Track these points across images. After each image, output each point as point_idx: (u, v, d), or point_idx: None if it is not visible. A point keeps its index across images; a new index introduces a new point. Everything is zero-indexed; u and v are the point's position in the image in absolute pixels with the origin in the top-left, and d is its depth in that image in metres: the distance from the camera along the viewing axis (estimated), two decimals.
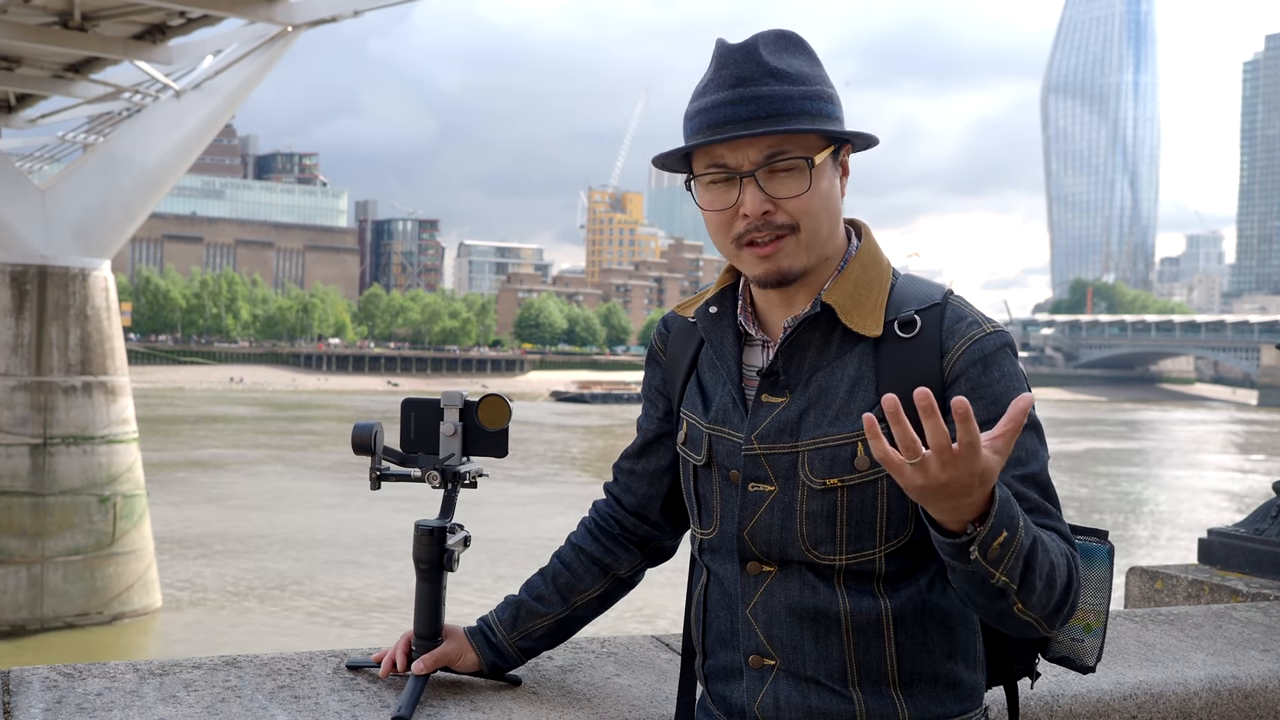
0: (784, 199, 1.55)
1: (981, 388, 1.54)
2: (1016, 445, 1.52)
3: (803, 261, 1.58)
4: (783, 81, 1.53)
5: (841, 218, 1.63)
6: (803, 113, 1.53)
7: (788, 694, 1.60)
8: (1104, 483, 42.88)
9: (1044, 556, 1.42)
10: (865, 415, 1.31)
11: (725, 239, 1.59)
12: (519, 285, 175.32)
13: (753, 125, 1.52)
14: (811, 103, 1.54)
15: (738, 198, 1.56)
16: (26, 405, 19.38)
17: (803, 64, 1.56)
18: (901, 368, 1.56)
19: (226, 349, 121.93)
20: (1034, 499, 1.52)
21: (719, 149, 1.55)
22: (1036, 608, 1.43)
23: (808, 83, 1.55)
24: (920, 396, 1.27)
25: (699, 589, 1.73)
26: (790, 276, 1.58)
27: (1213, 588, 3.34)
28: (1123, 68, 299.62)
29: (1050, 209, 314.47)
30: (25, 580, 19.10)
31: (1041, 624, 1.46)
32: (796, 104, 1.53)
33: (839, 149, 1.60)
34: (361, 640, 17.69)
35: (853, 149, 1.63)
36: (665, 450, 1.83)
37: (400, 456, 1.88)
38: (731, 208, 1.56)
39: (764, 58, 1.54)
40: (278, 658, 2.02)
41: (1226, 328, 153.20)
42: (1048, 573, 1.42)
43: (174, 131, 20.95)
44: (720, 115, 1.53)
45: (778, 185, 1.55)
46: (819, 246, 1.59)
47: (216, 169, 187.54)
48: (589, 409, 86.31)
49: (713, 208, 1.58)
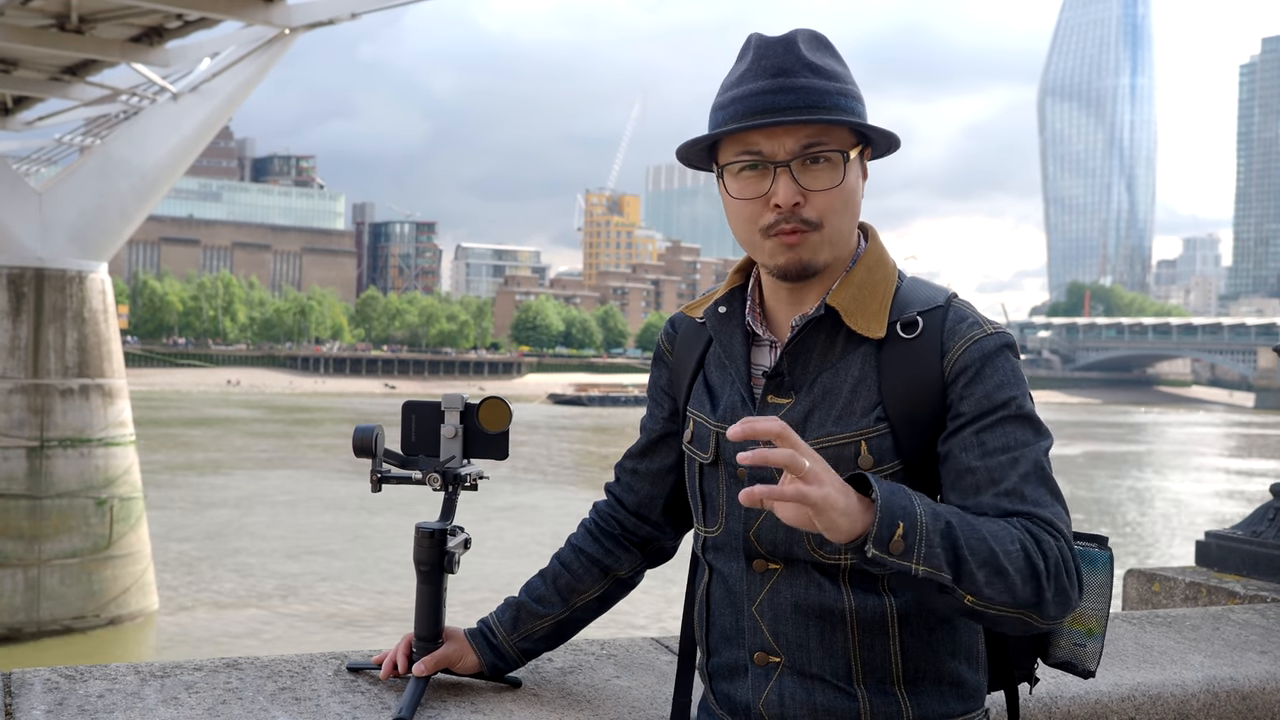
0: (816, 191, 1.56)
1: (977, 386, 1.55)
2: (1005, 435, 1.53)
3: (824, 257, 1.59)
4: (820, 76, 1.56)
5: (859, 219, 1.65)
6: (838, 108, 1.55)
7: (793, 691, 1.61)
8: (1101, 485, 42.90)
9: (975, 542, 1.39)
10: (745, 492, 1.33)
11: (752, 229, 1.60)
12: (516, 288, 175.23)
13: (792, 113, 1.53)
14: (845, 99, 1.56)
15: (770, 187, 1.56)
16: (23, 408, 19.35)
17: (835, 64, 1.59)
18: (903, 368, 1.58)
19: (223, 352, 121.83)
20: (1012, 482, 1.50)
21: (755, 136, 1.56)
22: (999, 598, 1.40)
23: (841, 80, 1.58)
24: (735, 435, 1.33)
25: (702, 587, 1.74)
26: (811, 270, 1.59)
27: (1210, 590, 3.34)
28: (1119, 71, 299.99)
29: (1047, 212, 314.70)
30: (22, 583, 19.07)
31: (1028, 615, 1.43)
32: (833, 99, 1.55)
33: (864, 150, 1.61)
34: (362, 642, 17.68)
35: (873, 154, 1.65)
36: (669, 450, 1.84)
37: (401, 459, 1.88)
38: (762, 197, 1.57)
39: (803, 51, 1.56)
40: (279, 660, 2.02)
41: (1223, 330, 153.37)
42: (986, 557, 1.39)
43: (171, 134, 20.93)
44: (760, 103, 1.54)
45: (811, 177, 1.56)
46: (839, 244, 1.60)
47: (213, 171, 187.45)
48: (586, 411, 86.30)
49: (742, 196, 1.59)
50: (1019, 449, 1.52)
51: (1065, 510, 1.53)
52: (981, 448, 1.53)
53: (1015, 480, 1.51)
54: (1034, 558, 1.43)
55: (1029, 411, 1.55)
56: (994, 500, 1.50)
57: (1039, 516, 1.49)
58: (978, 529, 1.41)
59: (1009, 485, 1.50)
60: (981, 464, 1.52)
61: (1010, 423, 1.54)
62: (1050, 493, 1.52)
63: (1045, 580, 1.44)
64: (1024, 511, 1.49)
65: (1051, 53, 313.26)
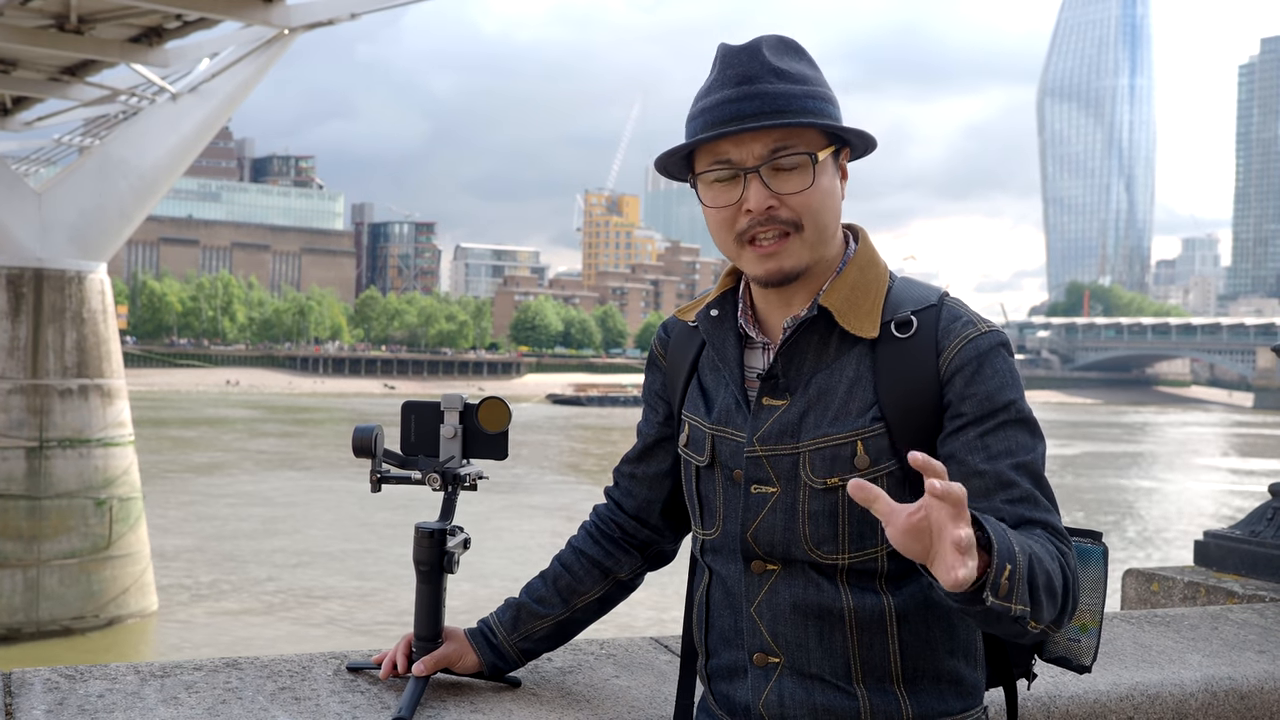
0: (787, 195, 1.56)
1: (975, 385, 1.56)
2: (1007, 438, 1.55)
3: (805, 260, 1.59)
4: (786, 80, 1.56)
5: (841, 220, 1.65)
6: (805, 110, 1.56)
7: (792, 691, 1.61)
8: (1100, 485, 42.90)
9: (1041, 569, 1.40)
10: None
11: (728, 236, 1.61)
12: (515, 288, 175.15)
13: (757, 119, 1.54)
14: (813, 101, 1.57)
15: (741, 194, 1.57)
16: (22, 408, 19.34)
17: (804, 67, 1.59)
18: (898, 367, 1.58)
19: (223, 352, 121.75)
20: (1025, 487, 1.53)
21: (723, 145, 1.57)
22: (1046, 618, 1.42)
23: (809, 83, 1.58)
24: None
25: (701, 589, 1.75)
26: (792, 275, 1.60)
27: (1209, 590, 3.35)
28: (1118, 71, 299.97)
29: (1046, 212, 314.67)
30: (21, 584, 19.06)
31: (1050, 629, 1.45)
32: (799, 101, 1.55)
33: (839, 150, 1.62)
34: (362, 642, 17.67)
35: (852, 154, 1.65)
36: (665, 455, 1.84)
37: (400, 459, 1.88)
38: (735, 204, 1.58)
39: (767, 58, 1.56)
40: (278, 659, 2.02)
41: (1222, 330, 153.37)
42: (1046, 582, 1.41)
43: (170, 134, 20.92)
44: (725, 112, 1.55)
45: (781, 181, 1.56)
46: (821, 245, 1.60)
47: (213, 172, 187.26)
48: (585, 411, 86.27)
49: (716, 204, 1.60)
50: (1023, 454, 1.55)
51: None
52: (986, 451, 1.54)
53: (1027, 487, 1.53)
54: (1066, 575, 1.46)
55: (1028, 414, 1.57)
56: (1008, 507, 1.52)
57: (1053, 526, 1.52)
58: (1039, 556, 1.41)
59: (1020, 492, 1.52)
60: (990, 468, 1.53)
61: (1012, 426, 1.55)
62: (1050, 499, 1.55)
63: (1070, 597, 1.47)
64: (1040, 520, 1.51)
65: (1050, 53, 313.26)
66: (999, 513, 1.51)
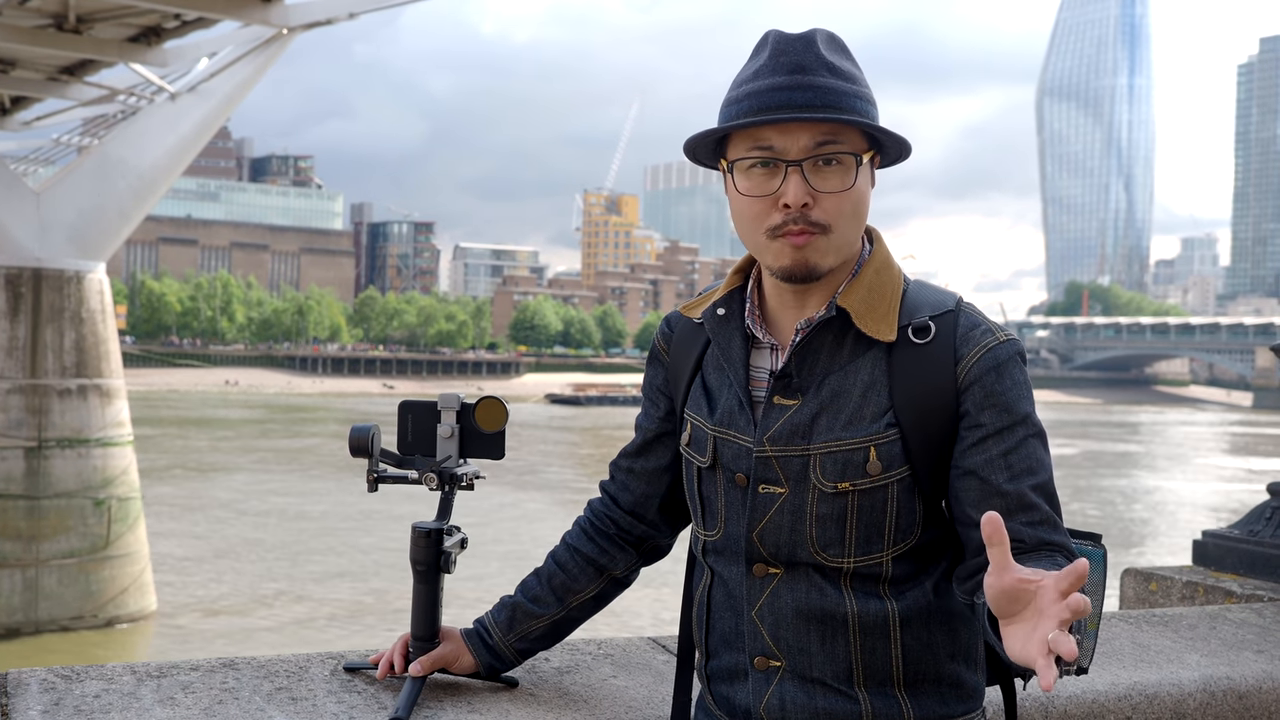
0: (826, 193, 1.54)
1: (994, 395, 1.56)
2: (1028, 455, 1.55)
3: (830, 261, 1.57)
4: (837, 76, 1.54)
5: (864, 226, 1.64)
6: (853, 109, 1.54)
7: (793, 695, 1.61)
8: (1099, 485, 42.91)
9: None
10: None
11: (758, 228, 1.58)
12: (514, 288, 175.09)
13: (810, 110, 1.52)
14: (860, 102, 1.55)
15: (779, 186, 1.54)
16: (21, 408, 19.34)
17: (852, 66, 1.58)
18: (915, 373, 1.57)
19: (222, 352, 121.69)
20: (1044, 510, 1.54)
21: (768, 132, 1.54)
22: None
23: (857, 83, 1.56)
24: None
25: (701, 590, 1.73)
26: (816, 273, 1.57)
27: (1207, 589, 3.34)
28: (1117, 71, 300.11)
29: (1045, 212, 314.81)
30: (20, 583, 19.06)
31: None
32: (849, 100, 1.54)
33: (875, 156, 1.60)
34: (359, 642, 17.67)
35: (881, 163, 1.64)
36: (664, 449, 1.82)
37: (397, 459, 1.88)
38: (771, 195, 1.55)
39: (821, 51, 1.55)
40: (275, 660, 2.01)
41: (1221, 330, 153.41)
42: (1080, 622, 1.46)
43: (169, 134, 20.92)
44: (776, 99, 1.53)
45: (822, 178, 1.54)
46: (845, 250, 1.59)
47: (212, 171, 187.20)
48: (584, 411, 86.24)
49: (751, 193, 1.57)
50: (1042, 473, 1.56)
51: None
52: (1009, 470, 1.55)
53: (1046, 510, 1.55)
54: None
55: (1041, 426, 1.58)
56: (1028, 529, 1.53)
57: (1068, 550, 1.54)
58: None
59: (1041, 515, 1.54)
60: (1012, 489, 1.54)
61: (1031, 442, 1.56)
62: (1060, 515, 1.57)
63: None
64: (1058, 544, 1.53)
65: (1049, 52, 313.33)
66: (1020, 534, 1.52)
